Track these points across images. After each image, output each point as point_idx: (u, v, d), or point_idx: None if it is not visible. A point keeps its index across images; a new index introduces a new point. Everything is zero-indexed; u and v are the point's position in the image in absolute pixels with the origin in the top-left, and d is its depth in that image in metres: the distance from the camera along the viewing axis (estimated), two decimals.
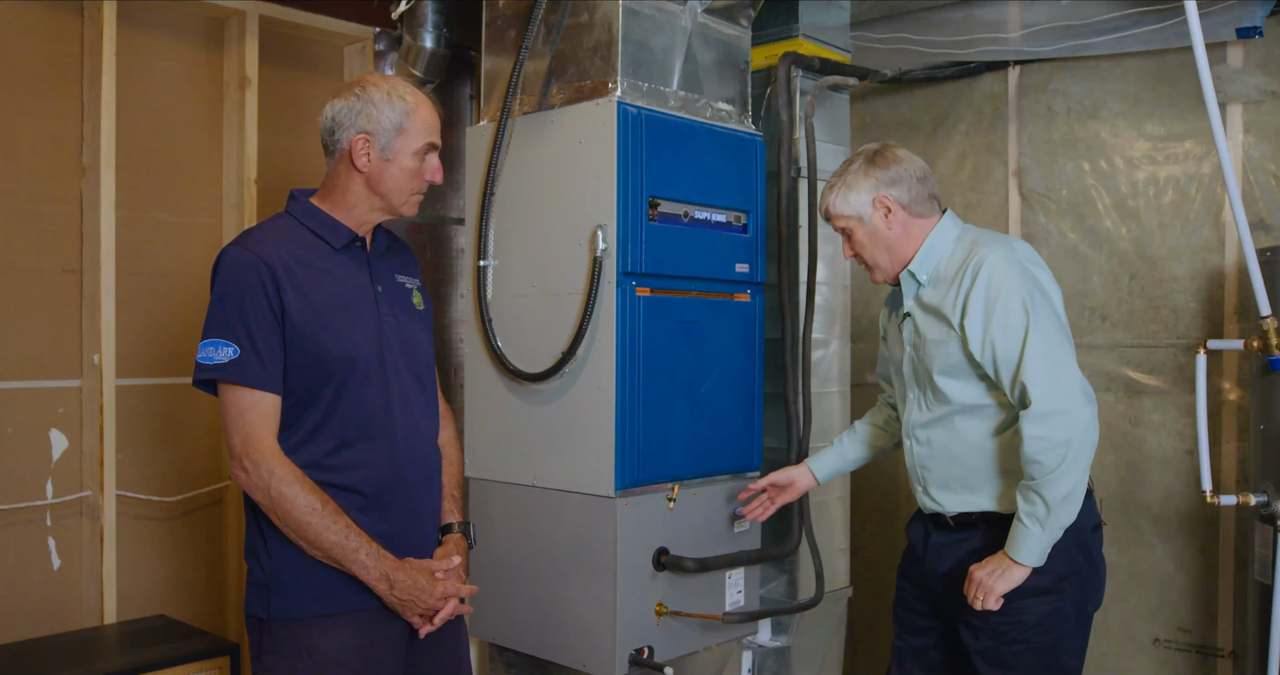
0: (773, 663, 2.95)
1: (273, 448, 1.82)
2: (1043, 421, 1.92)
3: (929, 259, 2.14)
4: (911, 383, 2.19)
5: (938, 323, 2.09)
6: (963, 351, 2.03)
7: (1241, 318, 3.04)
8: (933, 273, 2.13)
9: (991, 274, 2.00)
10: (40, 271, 2.66)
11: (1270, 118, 3.03)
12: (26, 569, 2.61)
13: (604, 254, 2.36)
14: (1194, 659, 3.15)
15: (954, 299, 2.04)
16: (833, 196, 2.18)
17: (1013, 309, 1.98)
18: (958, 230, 2.16)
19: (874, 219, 2.14)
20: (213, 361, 1.81)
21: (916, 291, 2.15)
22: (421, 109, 1.93)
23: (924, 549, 2.22)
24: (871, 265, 2.20)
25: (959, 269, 2.06)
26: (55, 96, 2.67)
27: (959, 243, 2.13)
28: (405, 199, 1.96)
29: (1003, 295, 1.98)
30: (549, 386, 2.50)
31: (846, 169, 2.19)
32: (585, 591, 2.41)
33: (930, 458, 2.15)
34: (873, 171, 2.15)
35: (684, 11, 2.59)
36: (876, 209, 2.14)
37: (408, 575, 1.86)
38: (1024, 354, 1.95)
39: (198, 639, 2.57)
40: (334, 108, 1.91)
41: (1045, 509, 1.93)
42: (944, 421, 2.11)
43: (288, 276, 1.83)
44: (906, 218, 2.14)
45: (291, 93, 3.13)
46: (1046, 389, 1.93)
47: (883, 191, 2.13)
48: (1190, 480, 3.12)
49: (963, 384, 2.07)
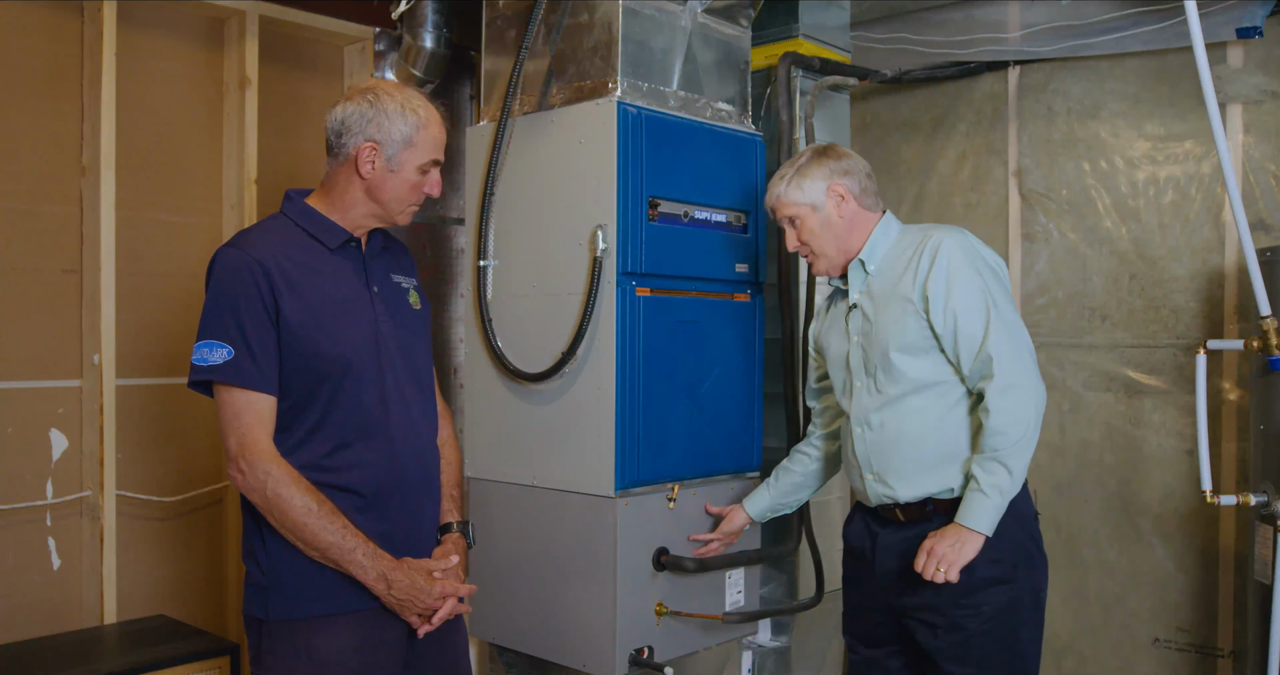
0: (773, 663, 2.95)
1: (268, 448, 1.82)
2: (1008, 394, 1.98)
3: (876, 249, 2.19)
4: (860, 371, 2.19)
5: (891, 304, 2.12)
6: (925, 324, 2.06)
7: (1241, 318, 3.04)
8: (880, 262, 2.17)
9: (950, 253, 2.06)
10: (40, 271, 2.66)
11: (1270, 118, 3.03)
12: (26, 569, 2.61)
13: (604, 254, 2.36)
14: (1194, 659, 3.15)
15: (912, 278, 2.09)
16: (783, 186, 2.20)
17: (972, 286, 2.04)
18: (899, 225, 2.23)
19: (827, 206, 2.18)
20: (207, 363, 1.81)
21: (865, 281, 2.19)
22: (433, 125, 1.93)
23: (871, 549, 2.20)
24: (818, 254, 2.22)
25: (913, 253, 2.11)
26: (55, 96, 2.67)
27: (904, 233, 2.19)
28: (402, 210, 1.97)
29: (963, 273, 2.04)
30: (549, 386, 2.50)
31: (795, 161, 2.22)
32: (585, 591, 2.41)
33: (882, 442, 2.14)
34: (825, 162, 2.19)
35: (684, 11, 2.59)
36: (830, 196, 2.18)
37: (405, 575, 1.86)
38: (988, 329, 2.01)
39: (198, 639, 2.57)
40: (345, 111, 1.90)
41: (1009, 478, 1.98)
42: (897, 403, 2.12)
43: (282, 277, 1.83)
44: (857, 208, 2.19)
45: (291, 93, 3.13)
46: (1010, 363, 1.99)
47: (836, 180, 2.18)
48: (1190, 480, 3.12)
49: (920, 360, 2.09)
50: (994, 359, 1.99)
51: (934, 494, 2.10)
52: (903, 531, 2.14)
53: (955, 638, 2.05)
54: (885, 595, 2.17)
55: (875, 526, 2.21)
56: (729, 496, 2.64)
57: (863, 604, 2.26)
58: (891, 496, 2.14)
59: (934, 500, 2.10)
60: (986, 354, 2.00)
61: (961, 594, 2.03)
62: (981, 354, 2.01)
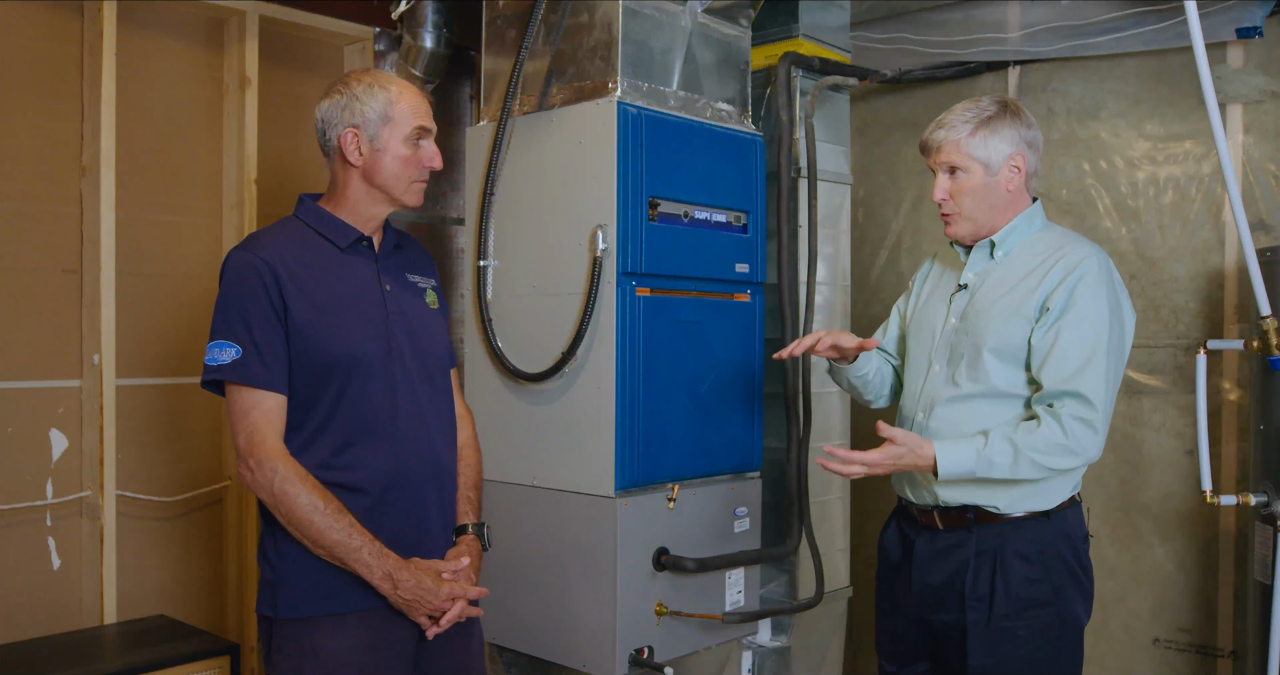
0: (773, 663, 2.95)
1: (276, 447, 1.82)
2: (1079, 426, 1.87)
3: (1013, 236, 2.04)
4: (942, 355, 2.07)
5: (1004, 302, 1.99)
6: (1027, 335, 1.94)
7: (1241, 318, 3.04)
8: (1011, 251, 2.05)
9: (1087, 274, 1.92)
10: (40, 271, 2.66)
11: (1270, 118, 3.03)
12: (26, 569, 2.61)
13: (604, 254, 2.36)
14: (1194, 659, 3.15)
15: (1036, 283, 1.96)
16: (964, 132, 2.00)
17: (1094, 316, 1.90)
18: (1044, 220, 2.10)
19: (1002, 172, 2.01)
20: (217, 362, 1.83)
21: (985, 265, 2.06)
22: (406, 95, 1.93)
23: (907, 561, 2.11)
24: (962, 216, 2.04)
25: (1047, 257, 1.98)
26: (55, 96, 2.67)
27: (1046, 230, 2.07)
28: (405, 187, 1.96)
29: (1092, 297, 1.91)
30: (549, 386, 2.50)
31: (982, 110, 2.01)
32: (585, 591, 2.41)
33: (940, 436, 2.00)
34: (1017, 124, 2.01)
35: (684, 11, 2.59)
36: (1008, 163, 2.01)
37: (412, 575, 1.86)
38: (1088, 362, 1.89)
39: (198, 639, 2.57)
40: (322, 108, 1.93)
41: (1006, 468, 1.88)
42: (968, 401, 2.00)
43: (290, 278, 1.85)
44: (1022, 185, 2.03)
45: (291, 93, 3.13)
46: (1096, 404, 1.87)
47: (1023, 149, 2.02)
48: (1190, 480, 3.12)
49: (1008, 368, 1.97)
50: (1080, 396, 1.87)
51: (979, 503, 1.99)
52: (940, 541, 2.05)
53: (990, 661, 1.96)
54: (919, 609, 2.08)
55: (911, 533, 2.11)
56: (729, 496, 2.63)
57: (895, 619, 2.16)
58: (930, 500, 2.05)
59: (978, 509, 2.00)
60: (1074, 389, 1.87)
61: (1000, 615, 1.95)
62: (1068, 385, 1.88)
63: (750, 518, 2.69)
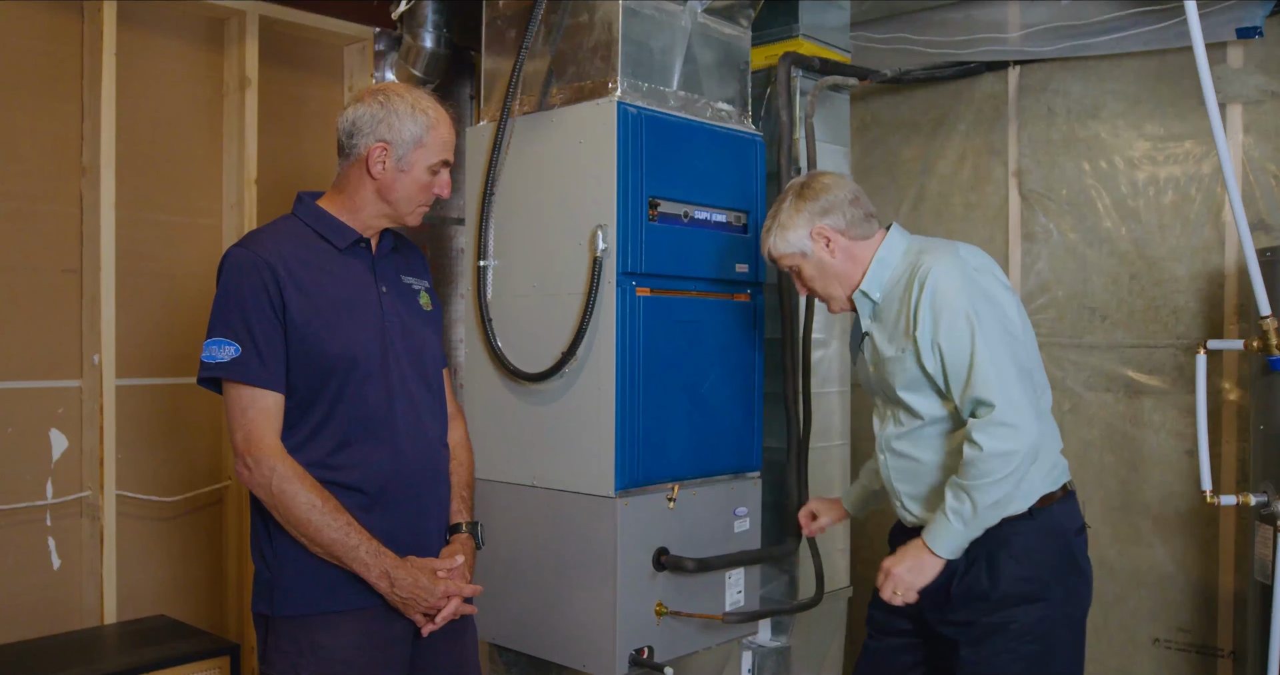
0: (773, 663, 2.95)
1: (274, 445, 1.83)
2: (988, 431, 1.90)
3: (879, 276, 2.11)
4: (879, 399, 2.17)
5: (892, 339, 2.06)
6: (918, 365, 2.01)
7: (1241, 318, 3.04)
8: (885, 289, 2.11)
9: (936, 284, 1.97)
10: (40, 271, 2.66)
11: (1270, 118, 3.03)
12: (26, 569, 2.61)
13: (604, 254, 2.36)
14: (1194, 659, 3.15)
15: (905, 314, 2.02)
16: (771, 239, 2.15)
17: (958, 320, 1.95)
18: (905, 243, 2.14)
19: (816, 251, 2.11)
20: (215, 360, 1.83)
21: (872, 310, 2.13)
22: (442, 126, 1.96)
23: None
24: (826, 297, 2.17)
25: (907, 283, 2.04)
26: (55, 96, 2.67)
27: (906, 255, 2.11)
28: (412, 210, 1.99)
29: (948, 306, 1.96)
30: (549, 386, 2.50)
31: (779, 209, 2.15)
32: (585, 591, 2.41)
33: (904, 469, 2.11)
34: (803, 205, 2.12)
35: (684, 11, 2.59)
36: (816, 241, 2.11)
37: (408, 573, 1.86)
38: (972, 366, 1.93)
39: (198, 639, 2.57)
40: (356, 112, 1.93)
41: (972, 511, 1.92)
42: (915, 434, 2.08)
43: (289, 276, 1.85)
44: (847, 243, 2.12)
45: (291, 93, 3.13)
46: (995, 401, 1.91)
47: (818, 223, 2.10)
48: (1190, 480, 3.12)
49: (925, 398, 2.04)
50: (979, 400, 1.92)
51: None
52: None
53: (979, 653, 1.99)
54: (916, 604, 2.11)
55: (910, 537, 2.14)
56: (729, 497, 2.64)
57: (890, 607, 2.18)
58: (917, 522, 2.12)
59: None
60: (973, 395, 1.93)
61: (985, 611, 1.98)
62: (967, 395, 1.94)
63: (750, 518, 2.69)
